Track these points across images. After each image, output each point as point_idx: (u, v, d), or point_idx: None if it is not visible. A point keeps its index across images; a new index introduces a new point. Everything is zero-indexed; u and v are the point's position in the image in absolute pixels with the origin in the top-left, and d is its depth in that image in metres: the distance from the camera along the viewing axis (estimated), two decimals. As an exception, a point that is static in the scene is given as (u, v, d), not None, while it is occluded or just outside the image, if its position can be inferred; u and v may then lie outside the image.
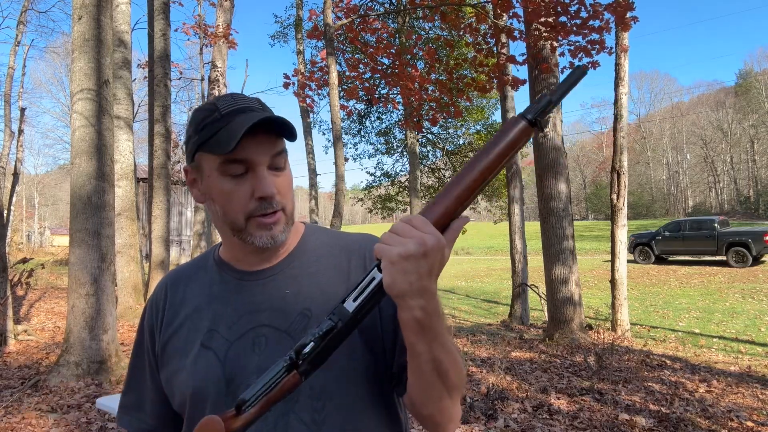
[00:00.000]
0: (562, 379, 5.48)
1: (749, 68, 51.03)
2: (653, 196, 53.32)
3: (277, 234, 0.86)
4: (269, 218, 0.85)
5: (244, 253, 0.92)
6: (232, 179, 0.83)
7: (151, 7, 10.38)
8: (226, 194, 0.84)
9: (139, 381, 0.99)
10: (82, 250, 5.34)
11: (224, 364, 0.86)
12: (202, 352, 0.88)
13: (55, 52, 30.72)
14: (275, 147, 0.85)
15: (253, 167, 0.83)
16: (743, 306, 10.99)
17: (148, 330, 0.97)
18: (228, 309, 0.90)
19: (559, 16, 7.20)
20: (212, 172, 0.84)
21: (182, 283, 0.97)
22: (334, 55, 7.60)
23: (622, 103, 8.39)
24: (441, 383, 0.77)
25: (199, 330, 0.90)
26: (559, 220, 7.80)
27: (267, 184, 0.83)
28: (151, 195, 9.49)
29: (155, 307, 0.97)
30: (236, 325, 0.88)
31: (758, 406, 4.74)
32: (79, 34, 5.44)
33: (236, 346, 0.87)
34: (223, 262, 0.95)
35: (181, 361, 0.89)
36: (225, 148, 0.79)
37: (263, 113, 0.83)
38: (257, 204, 0.84)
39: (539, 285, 9.77)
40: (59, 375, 5.13)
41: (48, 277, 12.94)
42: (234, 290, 0.91)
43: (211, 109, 0.85)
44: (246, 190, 0.83)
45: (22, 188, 33.38)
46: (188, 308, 0.93)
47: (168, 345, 0.92)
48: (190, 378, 0.87)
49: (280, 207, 0.86)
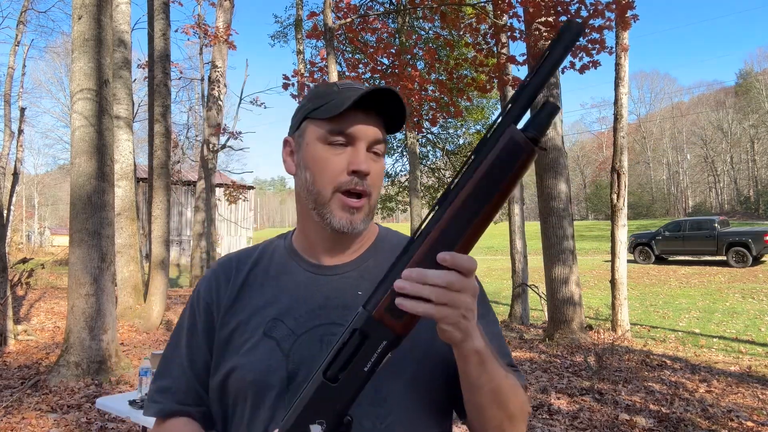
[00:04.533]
0: (562, 379, 5.47)
1: (749, 68, 51.02)
2: (653, 196, 53.31)
3: (356, 221, 0.84)
4: (355, 201, 0.83)
5: (318, 239, 0.89)
6: (331, 148, 0.83)
7: (151, 7, 10.38)
8: (321, 161, 0.84)
9: (174, 369, 0.92)
10: (82, 250, 5.34)
11: (288, 357, 0.82)
12: (265, 341, 0.84)
13: (55, 52, 30.75)
14: (380, 132, 0.85)
15: (354, 142, 0.83)
16: (743, 306, 10.98)
17: (204, 307, 0.91)
18: (296, 301, 0.87)
19: (559, 15, 7.20)
20: (313, 140, 0.85)
21: (246, 266, 0.93)
22: (333, 54, 7.59)
23: (622, 103, 8.39)
24: (501, 412, 0.76)
25: (262, 317, 0.86)
26: (560, 220, 7.80)
27: (363, 160, 0.82)
28: (151, 195, 9.48)
29: (215, 284, 0.92)
30: (303, 319, 0.84)
31: (758, 406, 4.74)
32: (79, 34, 5.44)
33: (302, 341, 0.83)
34: (294, 251, 0.93)
35: (240, 346, 0.85)
36: (333, 112, 0.81)
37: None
38: (349, 178, 0.83)
39: (539, 285, 9.76)
40: (59, 375, 5.13)
41: (48, 277, 12.94)
42: (304, 282, 0.88)
43: (330, 84, 0.88)
44: (341, 161, 0.83)
45: (22, 188, 33.38)
46: (251, 293, 0.89)
47: (226, 328, 0.87)
48: (249, 365, 0.83)
49: (369, 190, 0.84)
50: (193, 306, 0.93)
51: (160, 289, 8.40)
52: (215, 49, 14.01)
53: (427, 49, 10.52)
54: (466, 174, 0.63)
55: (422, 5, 9.06)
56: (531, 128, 0.62)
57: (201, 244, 14.44)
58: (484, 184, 0.62)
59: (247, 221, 25.67)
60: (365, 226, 0.87)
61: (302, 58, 16.91)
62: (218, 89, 13.85)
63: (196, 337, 0.90)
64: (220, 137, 14.32)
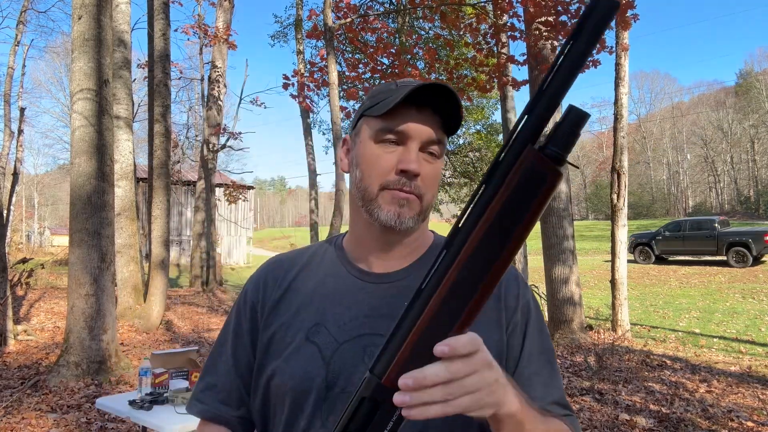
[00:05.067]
0: (562, 379, 5.47)
1: (749, 68, 51.00)
2: (653, 196, 53.30)
3: (405, 215, 0.80)
4: (403, 193, 0.80)
5: (368, 239, 0.87)
6: (382, 146, 0.82)
7: (151, 7, 10.38)
8: (371, 158, 0.82)
9: (220, 366, 0.91)
10: (82, 250, 5.33)
11: (328, 364, 0.80)
12: (306, 346, 0.82)
13: (54, 52, 30.75)
14: (435, 132, 0.82)
15: (406, 141, 0.81)
16: (743, 306, 10.98)
17: (249, 307, 0.90)
18: (341, 307, 0.84)
19: (559, 15, 7.20)
20: (366, 138, 0.84)
21: (294, 268, 0.92)
22: (333, 54, 7.60)
23: (623, 103, 8.38)
24: None
25: (305, 321, 0.84)
26: (560, 219, 7.79)
27: (413, 159, 0.79)
28: (151, 195, 9.47)
29: (262, 284, 0.91)
30: (348, 326, 0.82)
31: (758, 406, 4.74)
32: (79, 33, 5.44)
33: (345, 349, 0.80)
34: (344, 255, 0.91)
35: (282, 350, 0.84)
36: (384, 109, 0.79)
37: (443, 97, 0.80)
38: (396, 177, 0.80)
39: (539, 285, 9.76)
40: (59, 375, 5.12)
41: (48, 277, 12.93)
42: (351, 288, 0.86)
43: (390, 82, 0.86)
44: (391, 159, 0.81)
45: (22, 188, 33.38)
46: (298, 296, 0.88)
47: (269, 329, 0.86)
48: (289, 369, 0.81)
49: (419, 192, 0.81)
50: (239, 305, 0.93)
51: (160, 289, 8.40)
52: (215, 49, 14.00)
53: (427, 49, 10.53)
54: (476, 210, 0.52)
55: (422, 5, 9.05)
56: (552, 145, 0.50)
57: (201, 244, 14.43)
58: (499, 224, 0.51)
59: (247, 221, 25.67)
60: (415, 225, 0.83)
61: (302, 58, 16.90)
62: (218, 89, 13.84)
63: (241, 337, 0.90)
64: (220, 137, 14.31)
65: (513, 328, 0.84)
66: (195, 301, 11.36)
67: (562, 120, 0.50)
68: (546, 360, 0.85)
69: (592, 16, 0.47)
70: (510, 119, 10.73)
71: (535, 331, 0.86)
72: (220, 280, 14.77)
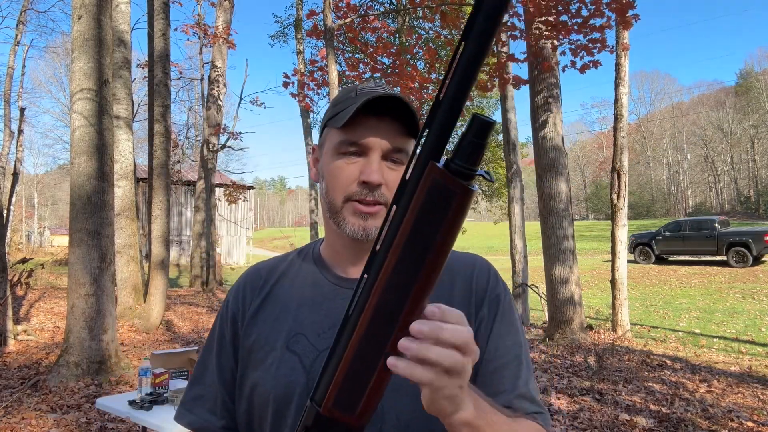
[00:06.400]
0: (562, 379, 5.47)
1: (749, 68, 51.01)
2: (653, 196, 53.31)
3: (370, 227, 0.81)
4: (367, 207, 0.80)
5: (340, 248, 0.88)
6: (344, 158, 0.82)
7: (151, 7, 10.38)
8: (334, 171, 0.83)
9: (207, 375, 0.92)
10: (81, 250, 5.33)
11: (309, 372, 0.80)
12: (287, 356, 0.82)
13: (54, 51, 30.72)
14: (396, 139, 0.81)
15: (367, 152, 0.81)
16: (744, 306, 10.98)
17: (230, 317, 0.91)
18: (319, 315, 0.84)
19: (560, 14, 7.20)
20: (330, 149, 0.84)
21: (273, 276, 0.92)
22: (333, 54, 7.59)
23: (623, 103, 8.38)
24: None
25: (283, 330, 0.85)
26: (560, 220, 7.79)
27: (374, 170, 0.79)
28: (150, 195, 9.47)
29: (241, 294, 0.92)
30: (327, 334, 0.82)
31: (758, 406, 4.74)
32: (78, 33, 5.44)
33: (324, 357, 0.80)
34: (322, 261, 0.91)
35: (262, 359, 0.84)
36: (341, 122, 0.79)
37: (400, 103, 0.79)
38: (359, 188, 0.81)
39: (539, 285, 9.76)
40: (59, 375, 5.12)
41: (48, 277, 12.93)
42: (328, 295, 0.86)
43: (349, 89, 0.86)
44: (353, 171, 0.81)
45: (22, 188, 33.37)
46: (277, 304, 0.88)
47: (249, 338, 0.87)
48: (272, 380, 0.82)
49: (384, 200, 0.81)
50: (222, 315, 0.93)
51: (159, 289, 8.39)
52: (215, 48, 14.00)
53: (427, 48, 10.52)
54: (390, 233, 0.50)
55: (422, 5, 9.05)
56: (458, 159, 0.47)
57: (201, 244, 14.42)
58: (411, 246, 0.49)
59: (247, 221, 25.68)
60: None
61: (302, 57, 16.91)
62: (218, 89, 13.84)
63: (225, 346, 0.91)
64: (219, 137, 14.31)
65: (480, 320, 0.84)
66: (195, 301, 11.36)
67: (466, 131, 0.47)
68: (514, 354, 0.83)
69: (480, 11, 0.43)
70: (510, 119, 10.73)
71: (504, 324, 0.85)
72: (220, 280, 14.77)
